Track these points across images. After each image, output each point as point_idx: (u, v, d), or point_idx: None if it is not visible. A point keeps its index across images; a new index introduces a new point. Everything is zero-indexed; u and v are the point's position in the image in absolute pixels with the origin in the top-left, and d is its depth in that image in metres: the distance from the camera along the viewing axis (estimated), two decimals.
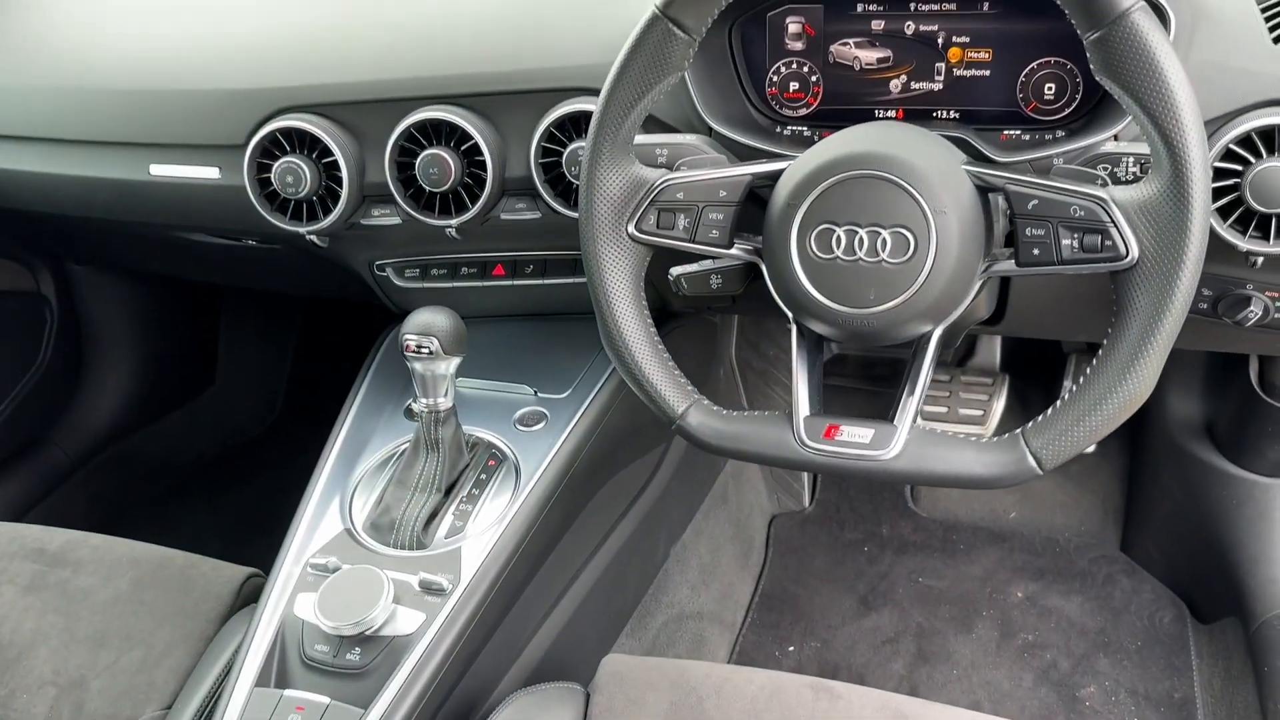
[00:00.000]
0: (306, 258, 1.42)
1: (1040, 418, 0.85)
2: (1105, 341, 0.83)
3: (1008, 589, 1.74)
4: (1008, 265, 0.87)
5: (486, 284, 1.34)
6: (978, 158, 1.04)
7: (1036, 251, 0.84)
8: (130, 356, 2.04)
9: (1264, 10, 0.99)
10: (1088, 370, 0.84)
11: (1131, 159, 0.93)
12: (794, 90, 1.17)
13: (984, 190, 0.87)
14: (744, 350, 1.89)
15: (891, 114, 1.15)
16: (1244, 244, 0.97)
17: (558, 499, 1.19)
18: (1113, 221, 0.81)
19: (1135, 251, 0.81)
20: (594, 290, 0.96)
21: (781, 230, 0.89)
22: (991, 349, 1.85)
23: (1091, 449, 1.89)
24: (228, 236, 1.48)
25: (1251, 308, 1.07)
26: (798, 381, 0.93)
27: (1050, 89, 1.07)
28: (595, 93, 0.96)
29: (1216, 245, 0.98)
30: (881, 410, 0.92)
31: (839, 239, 0.87)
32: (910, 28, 1.11)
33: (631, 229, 0.95)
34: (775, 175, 0.91)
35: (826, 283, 0.88)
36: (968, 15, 1.09)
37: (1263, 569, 1.51)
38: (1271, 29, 0.98)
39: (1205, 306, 1.11)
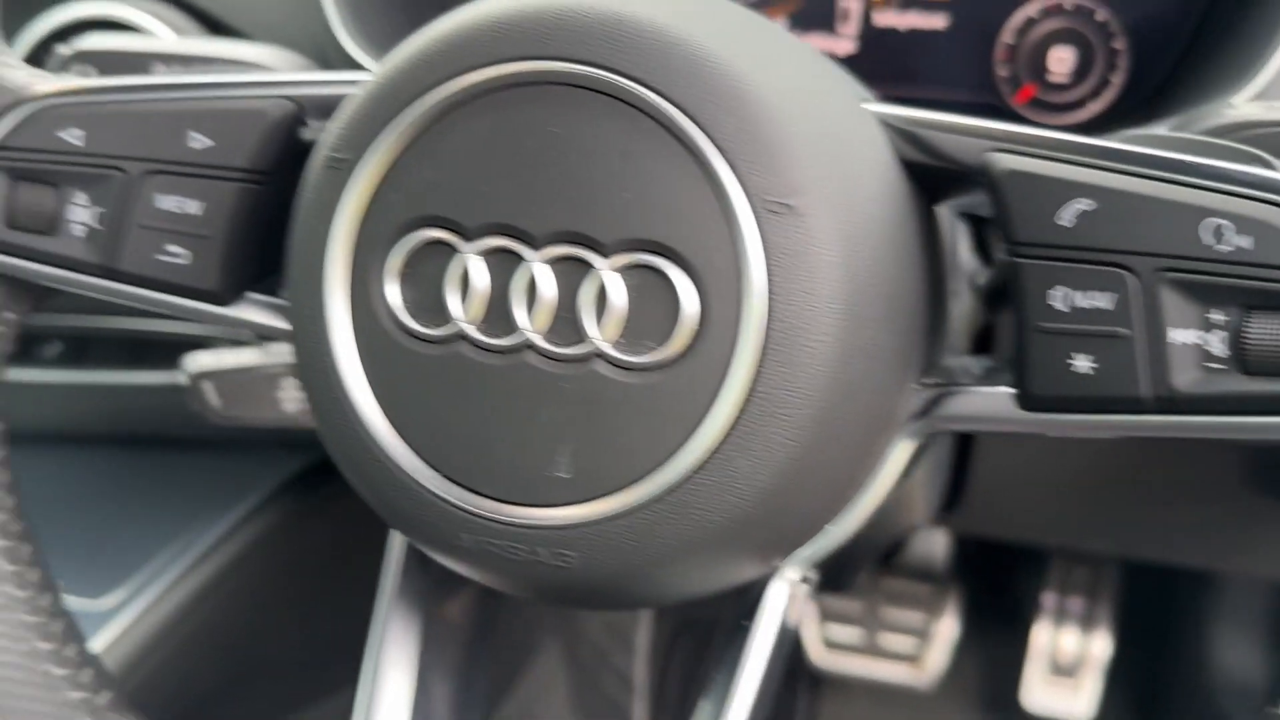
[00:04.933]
0: None
1: None
2: None
3: None
4: (985, 403, 0.31)
5: None
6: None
7: (1089, 364, 0.27)
8: None
9: None
10: None
11: None
12: None
13: (931, 184, 0.30)
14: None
15: None
16: None
17: None
18: None
19: None
20: None
21: (309, 242, 0.32)
22: (934, 536, 1.19)
23: None
24: None
25: None
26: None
27: (1062, 60, 0.52)
28: None
29: None
30: None
31: (468, 275, 0.31)
32: None
33: None
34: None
35: (427, 411, 0.31)
36: None
37: None
38: None
39: None
